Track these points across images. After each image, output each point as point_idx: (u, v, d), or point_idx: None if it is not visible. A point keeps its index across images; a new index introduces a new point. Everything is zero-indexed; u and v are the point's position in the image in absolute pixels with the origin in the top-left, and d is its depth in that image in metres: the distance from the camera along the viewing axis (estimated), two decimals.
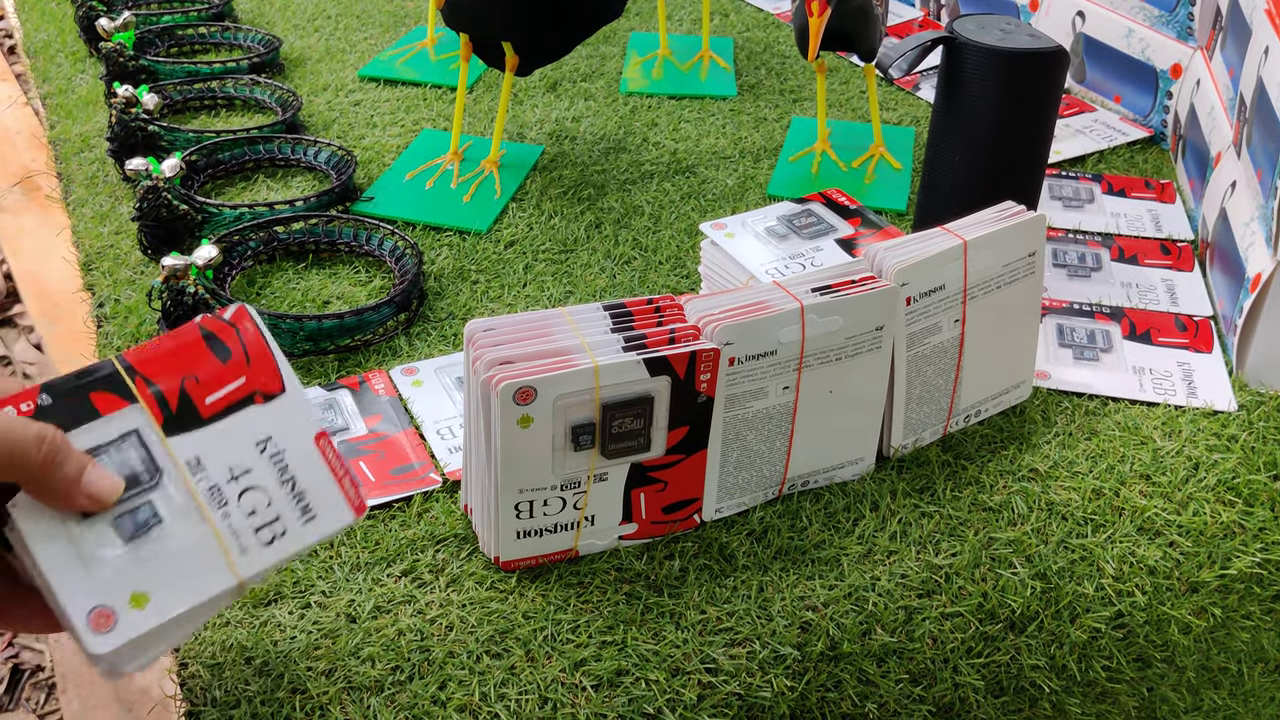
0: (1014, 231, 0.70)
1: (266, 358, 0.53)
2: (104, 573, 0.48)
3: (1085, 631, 0.65)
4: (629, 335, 0.61)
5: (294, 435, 0.53)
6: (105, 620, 0.48)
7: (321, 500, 0.52)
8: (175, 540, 0.49)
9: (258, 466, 0.51)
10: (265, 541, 0.51)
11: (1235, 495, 0.71)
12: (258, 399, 0.52)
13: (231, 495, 0.51)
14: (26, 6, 1.43)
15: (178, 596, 0.49)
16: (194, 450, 0.51)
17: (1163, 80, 1.11)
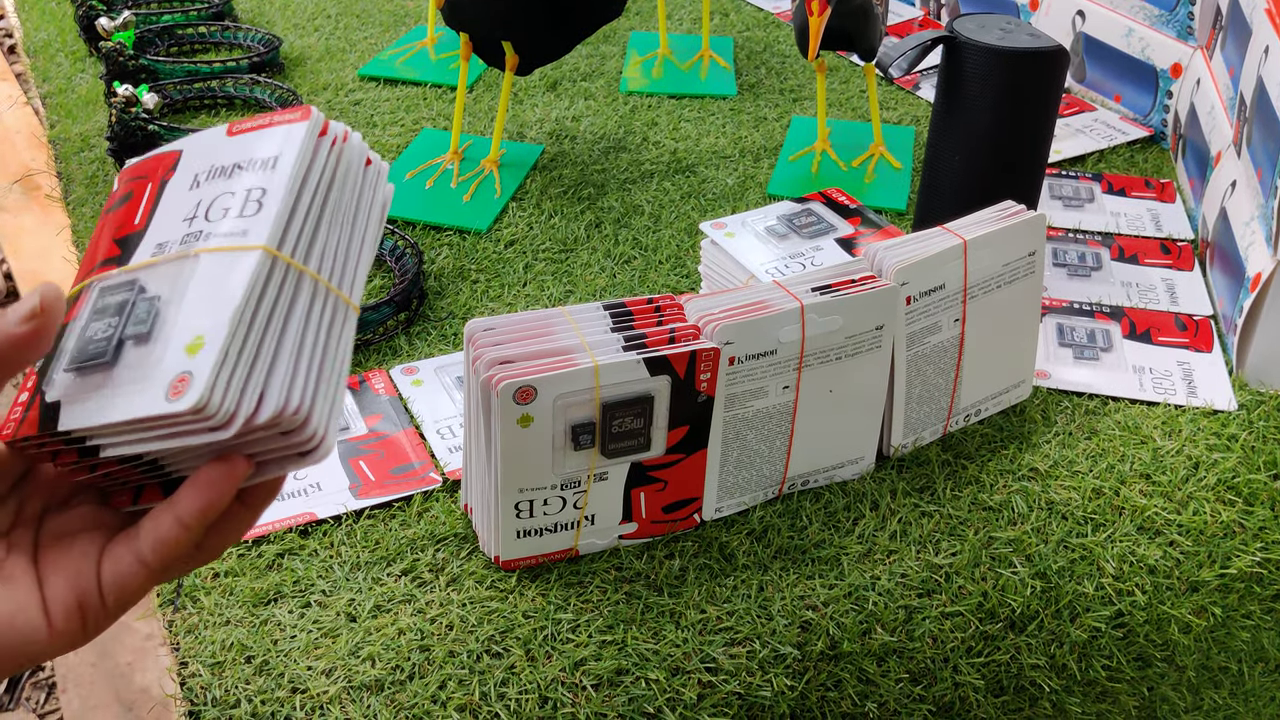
0: (1014, 231, 0.70)
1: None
2: (136, 361, 0.44)
3: (1085, 631, 0.65)
4: (629, 335, 0.61)
5: (207, 151, 0.49)
6: (181, 385, 0.43)
7: (272, 142, 0.48)
8: (181, 284, 0.45)
9: (202, 196, 0.48)
10: (253, 212, 0.46)
11: (1235, 494, 0.70)
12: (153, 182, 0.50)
13: (202, 220, 0.47)
14: (26, 6, 1.43)
15: (223, 306, 0.44)
16: (149, 244, 0.48)
17: (1163, 80, 1.11)
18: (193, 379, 0.43)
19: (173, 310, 0.45)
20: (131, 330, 0.45)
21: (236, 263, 0.45)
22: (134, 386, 0.44)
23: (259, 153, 0.47)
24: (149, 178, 0.49)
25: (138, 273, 0.46)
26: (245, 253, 0.45)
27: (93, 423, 0.44)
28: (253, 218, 0.46)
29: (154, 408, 0.43)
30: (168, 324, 0.45)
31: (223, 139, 0.48)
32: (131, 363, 0.44)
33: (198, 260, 0.45)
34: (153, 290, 0.46)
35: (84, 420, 0.44)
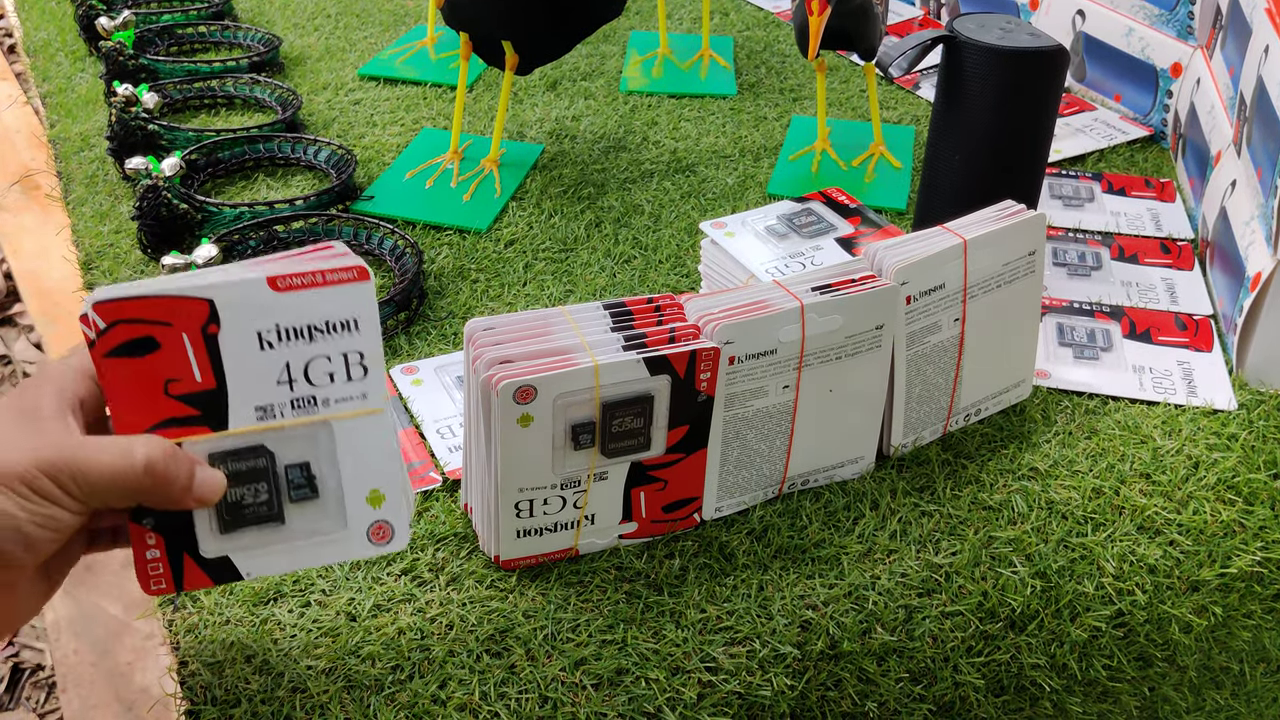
0: (1014, 230, 0.70)
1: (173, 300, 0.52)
2: (313, 517, 0.53)
3: (1086, 630, 0.65)
4: (629, 334, 0.61)
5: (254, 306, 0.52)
6: (381, 531, 0.55)
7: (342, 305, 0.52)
8: (325, 448, 0.53)
9: (287, 358, 0.52)
10: (361, 376, 0.53)
11: (1235, 494, 0.70)
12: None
13: (304, 384, 0.52)
14: (26, 5, 1.43)
15: (387, 465, 0.54)
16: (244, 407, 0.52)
17: (1163, 79, 1.11)
18: (392, 528, 0.54)
19: (327, 471, 0.53)
20: (296, 495, 0.53)
21: (374, 426, 0.53)
22: (328, 537, 0.54)
23: (332, 314, 0.52)
24: (175, 326, 0.50)
25: (254, 438, 0.52)
26: (377, 416, 0.53)
27: (286, 570, 0.54)
28: (363, 381, 0.53)
29: (363, 551, 0.54)
30: (330, 483, 0.53)
31: (268, 294, 0.51)
32: (308, 518, 0.53)
33: (330, 427, 0.53)
34: (292, 455, 0.53)
35: (274, 568, 0.54)
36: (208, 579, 0.53)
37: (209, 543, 0.52)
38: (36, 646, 1.50)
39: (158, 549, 0.52)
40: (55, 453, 0.47)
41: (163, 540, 0.52)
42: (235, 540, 0.52)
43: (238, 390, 0.51)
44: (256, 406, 0.51)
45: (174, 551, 0.52)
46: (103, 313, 0.49)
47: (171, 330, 0.50)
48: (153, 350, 0.50)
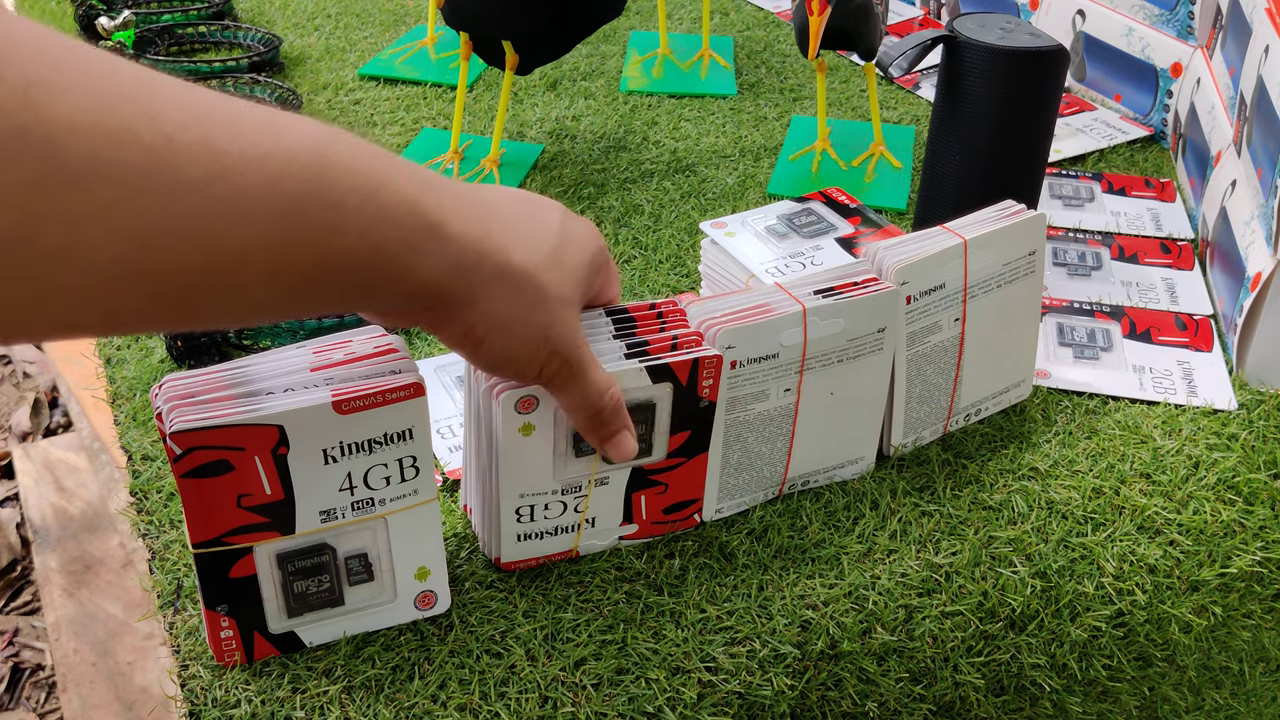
0: (1014, 230, 0.70)
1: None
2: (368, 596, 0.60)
3: (1086, 630, 0.65)
4: (631, 342, 0.61)
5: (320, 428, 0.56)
6: (428, 599, 0.61)
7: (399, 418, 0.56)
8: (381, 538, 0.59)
9: (350, 469, 0.56)
10: (413, 476, 0.58)
11: (1235, 494, 0.71)
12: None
13: (364, 488, 0.57)
14: (26, 5, 1.43)
15: (431, 545, 0.60)
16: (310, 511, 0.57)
17: (1163, 79, 1.11)
18: (436, 596, 0.61)
19: (381, 556, 0.58)
20: (354, 580, 0.58)
21: (423, 514, 0.58)
22: (381, 609, 0.59)
23: (390, 427, 0.55)
24: (248, 450, 0.53)
25: (318, 537, 0.57)
26: (425, 506, 0.58)
27: (341, 634, 0.59)
28: (415, 480, 0.57)
29: (411, 616, 0.60)
30: (384, 566, 0.59)
31: (334, 418, 0.54)
32: (364, 596, 0.59)
33: (385, 521, 0.58)
34: (352, 547, 0.58)
35: (332, 635, 0.59)
36: (275, 649, 0.58)
37: (276, 623, 0.58)
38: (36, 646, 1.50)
39: (231, 629, 0.57)
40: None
41: (235, 622, 0.57)
42: (299, 620, 0.58)
43: (304, 499, 0.55)
44: (320, 511, 0.56)
45: (245, 630, 0.57)
46: (180, 442, 0.52)
47: (244, 454, 0.53)
48: (227, 471, 0.53)
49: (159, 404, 0.54)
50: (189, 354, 0.78)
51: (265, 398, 0.54)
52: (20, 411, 1.99)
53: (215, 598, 0.56)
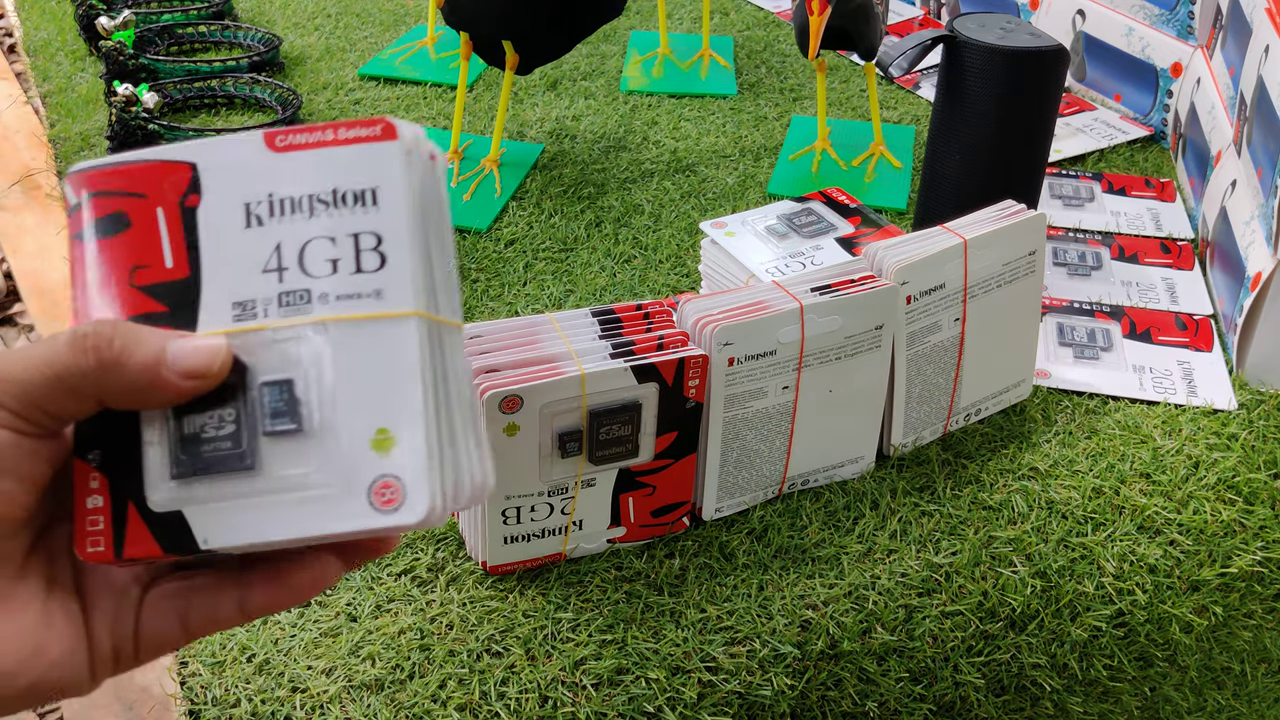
0: (1014, 230, 0.70)
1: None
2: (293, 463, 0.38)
3: (1086, 630, 0.65)
4: (617, 342, 0.60)
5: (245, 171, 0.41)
6: (387, 491, 0.38)
7: (356, 170, 0.40)
8: (314, 363, 0.39)
9: (278, 238, 0.40)
10: (376, 266, 0.40)
11: (1235, 494, 0.70)
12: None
13: (297, 273, 0.40)
14: (26, 5, 1.43)
15: (402, 390, 0.38)
16: (221, 303, 0.40)
17: (1163, 79, 1.11)
18: (403, 485, 0.38)
19: (316, 395, 0.39)
20: (271, 426, 0.38)
21: (389, 334, 0.39)
22: (313, 493, 0.38)
23: (342, 182, 0.40)
24: (150, 197, 0.40)
25: (229, 345, 0.39)
26: (395, 321, 0.39)
27: (258, 539, 0.38)
28: (379, 273, 0.39)
29: (364, 521, 0.38)
30: (321, 415, 0.38)
31: (264, 155, 0.40)
32: (288, 461, 0.38)
33: (325, 331, 0.39)
34: (272, 371, 0.39)
35: (240, 536, 0.38)
36: (154, 544, 0.39)
37: (159, 490, 0.39)
38: None
39: (100, 495, 0.39)
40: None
41: (106, 483, 0.39)
42: (191, 490, 0.39)
43: (214, 279, 0.40)
44: (235, 302, 0.39)
45: (118, 499, 0.39)
46: (76, 184, 0.41)
47: (145, 203, 0.40)
48: (123, 229, 0.40)
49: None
50: None
51: (190, 143, 0.41)
52: None
53: (87, 437, 0.39)
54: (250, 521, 0.39)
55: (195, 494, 0.39)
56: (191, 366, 0.38)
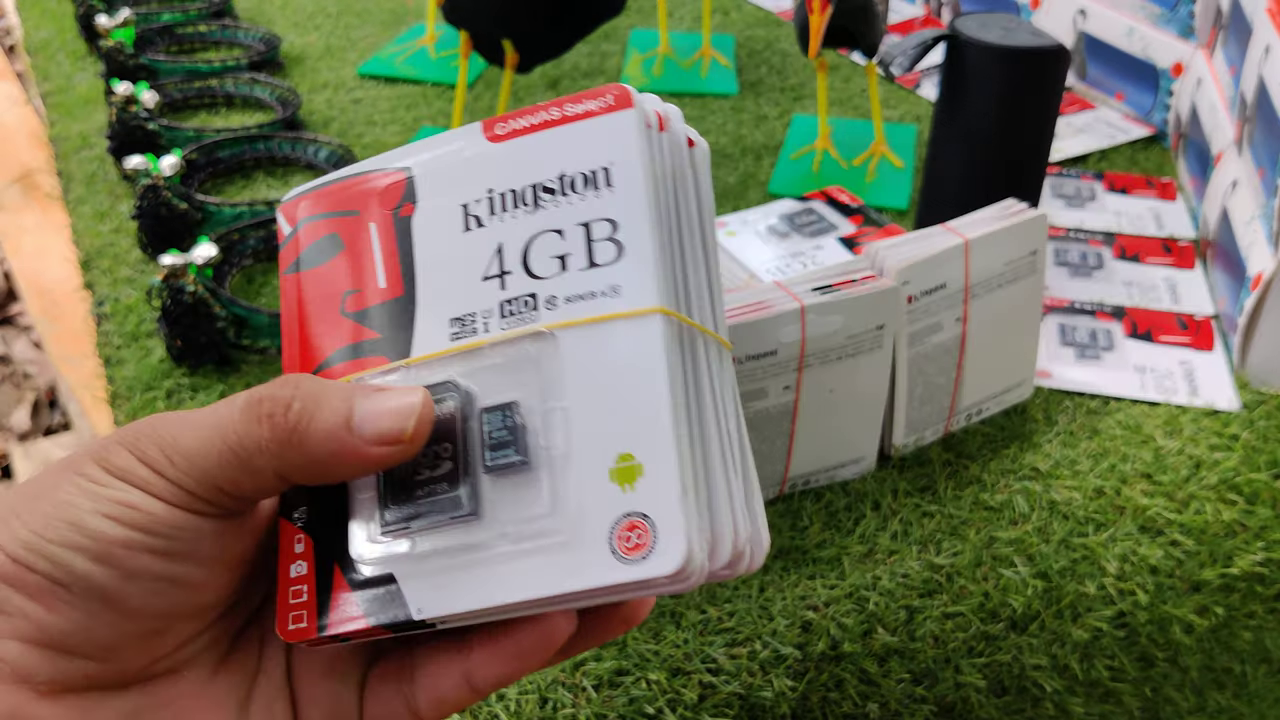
0: (1016, 230, 0.70)
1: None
2: (516, 504, 0.32)
3: (1087, 631, 0.64)
4: None
5: (462, 170, 0.36)
6: (634, 534, 0.30)
7: (587, 147, 0.34)
8: (542, 379, 0.33)
9: (500, 239, 0.35)
10: (612, 258, 0.33)
11: (1237, 494, 0.70)
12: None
13: (521, 275, 0.34)
14: (27, 4, 1.43)
15: (648, 406, 0.31)
16: (435, 320, 0.35)
17: (1164, 79, 1.10)
18: (652, 526, 0.30)
19: (545, 420, 0.32)
20: (493, 460, 0.32)
21: (628, 336, 0.32)
22: (545, 543, 0.31)
23: (569, 165, 0.34)
24: (363, 213, 0.35)
25: (441, 366, 0.34)
26: (635, 321, 0.32)
27: (480, 605, 0.31)
28: (615, 266, 0.33)
29: (605, 574, 0.30)
30: (550, 443, 0.32)
31: (483, 146, 0.35)
32: (512, 508, 0.32)
33: (555, 341, 0.32)
34: (490, 393, 0.33)
35: (461, 602, 0.31)
36: (360, 617, 0.32)
37: (365, 546, 0.33)
38: None
39: (305, 560, 0.33)
40: (144, 422, 0.32)
41: (311, 545, 0.33)
42: (402, 546, 0.33)
43: (429, 295, 0.34)
44: (453, 318, 0.34)
45: (323, 564, 0.33)
46: (289, 214, 0.37)
47: (358, 221, 0.36)
48: (335, 254, 0.36)
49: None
50: (188, 353, 0.78)
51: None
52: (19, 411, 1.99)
53: (291, 497, 0.34)
54: (470, 584, 0.32)
55: (407, 551, 0.33)
56: (384, 431, 0.31)
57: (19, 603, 0.30)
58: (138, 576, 0.31)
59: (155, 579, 0.31)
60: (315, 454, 0.31)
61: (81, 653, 0.31)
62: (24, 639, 0.30)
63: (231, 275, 0.87)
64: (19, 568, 0.30)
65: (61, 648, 0.30)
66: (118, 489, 0.31)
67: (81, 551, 0.30)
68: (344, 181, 0.37)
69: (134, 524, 0.31)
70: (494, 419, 0.33)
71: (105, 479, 0.31)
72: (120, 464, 0.31)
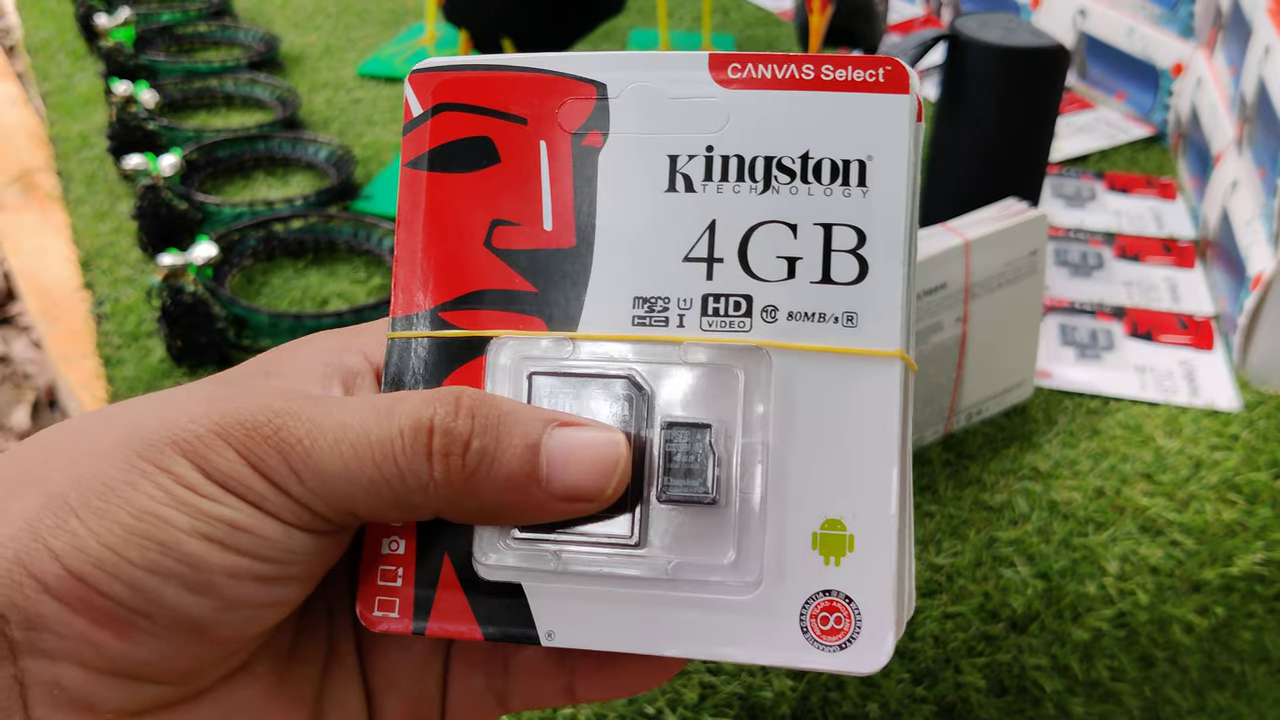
0: (1016, 230, 0.70)
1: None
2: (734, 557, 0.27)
3: (1088, 631, 0.64)
4: None
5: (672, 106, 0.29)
6: (833, 618, 0.26)
7: (847, 127, 0.28)
8: (748, 402, 0.27)
9: (714, 213, 0.28)
10: (852, 276, 0.27)
11: (1237, 494, 0.70)
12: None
13: (736, 268, 0.28)
14: (27, 4, 1.43)
15: (870, 469, 0.26)
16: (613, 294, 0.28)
17: (1164, 79, 1.10)
18: (857, 612, 0.26)
19: (740, 455, 0.27)
20: (673, 489, 0.27)
21: (860, 380, 0.27)
22: (721, 599, 0.27)
23: (820, 144, 0.28)
24: (531, 123, 0.28)
25: (619, 357, 0.28)
26: (871, 363, 0.27)
27: (630, 648, 0.27)
28: (855, 288, 0.27)
29: (791, 655, 0.26)
30: (745, 486, 0.27)
31: (711, 89, 0.28)
32: (687, 544, 0.27)
33: (768, 361, 0.27)
34: (677, 405, 0.27)
35: (607, 639, 0.27)
36: (473, 624, 0.28)
37: (495, 549, 0.28)
38: None
39: (403, 537, 0.28)
40: (256, 410, 0.26)
41: (413, 534, 0.28)
42: (542, 560, 0.28)
43: (611, 258, 0.28)
44: (639, 297, 0.28)
45: (428, 550, 0.28)
46: (423, 88, 0.29)
47: (524, 131, 0.28)
48: (486, 163, 0.29)
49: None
50: (188, 353, 0.78)
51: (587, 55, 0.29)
52: (19, 411, 1.99)
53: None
54: (620, 620, 0.27)
55: (545, 565, 0.28)
56: (577, 486, 0.26)
57: (81, 628, 0.24)
58: (239, 606, 0.26)
59: (257, 606, 0.26)
60: (489, 503, 0.26)
61: (158, 679, 0.26)
62: (86, 665, 0.25)
63: (231, 275, 0.87)
64: (85, 588, 0.24)
65: (134, 675, 0.25)
66: (225, 505, 0.25)
67: (175, 580, 0.25)
68: (510, 72, 0.28)
69: (242, 549, 0.25)
70: (680, 439, 0.27)
71: (204, 486, 0.25)
72: (226, 470, 0.25)
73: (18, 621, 0.24)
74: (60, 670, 0.24)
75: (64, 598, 0.24)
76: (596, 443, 0.26)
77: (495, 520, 0.27)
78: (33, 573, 0.24)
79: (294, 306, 0.85)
